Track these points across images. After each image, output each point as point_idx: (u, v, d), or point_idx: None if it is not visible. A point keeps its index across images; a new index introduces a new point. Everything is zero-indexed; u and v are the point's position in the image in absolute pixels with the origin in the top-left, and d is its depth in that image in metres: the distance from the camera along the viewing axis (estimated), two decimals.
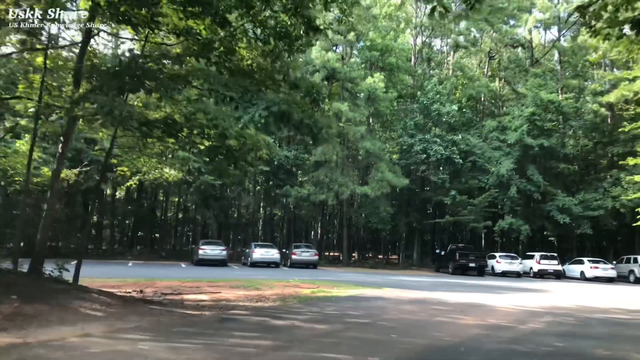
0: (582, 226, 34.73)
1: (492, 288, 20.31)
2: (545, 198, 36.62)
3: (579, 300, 16.17)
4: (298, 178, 36.52)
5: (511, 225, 34.13)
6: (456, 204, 35.25)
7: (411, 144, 35.38)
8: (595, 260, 32.35)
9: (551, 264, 32.33)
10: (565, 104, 35.87)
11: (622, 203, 33.34)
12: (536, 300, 15.54)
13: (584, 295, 19.03)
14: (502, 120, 39.09)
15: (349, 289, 16.07)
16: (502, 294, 17.39)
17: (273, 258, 30.38)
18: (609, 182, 35.15)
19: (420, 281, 23.22)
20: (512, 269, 32.18)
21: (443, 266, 33.65)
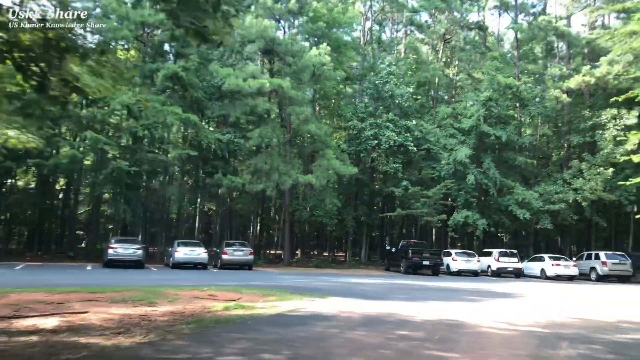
0: (542, 221, 32.30)
1: (456, 293, 16.90)
2: (502, 191, 34.00)
3: (568, 308, 12.89)
4: (234, 166, 32.02)
5: (467, 218, 31.19)
6: (408, 196, 31.96)
7: (361, 128, 31.74)
8: (556, 257, 29.91)
9: (511, 262, 29.61)
10: (523, 89, 33.30)
11: (583, 196, 31.09)
12: (519, 311, 12.10)
13: (564, 300, 15.94)
14: (457, 107, 36.20)
15: (281, 301, 12.03)
16: (473, 302, 13.90)
17: (199, 258, 25.91)
18: (569, 174, 32.88)
19: (371, 284, 19.53)
20: (469, 267, 29.23)
21: (394, 264, 30.29)
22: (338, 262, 37.03)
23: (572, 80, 32.85)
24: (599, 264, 29.02)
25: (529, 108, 34.21)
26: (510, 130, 34.18)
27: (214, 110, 29.98)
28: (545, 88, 33.88)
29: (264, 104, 28.43)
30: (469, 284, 21.95)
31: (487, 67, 34.92)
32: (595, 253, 29.92)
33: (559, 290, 20.24)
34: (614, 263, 28.67)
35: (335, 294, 14.48)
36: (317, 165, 29.72)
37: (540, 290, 19.72)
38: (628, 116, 31.84)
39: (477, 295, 16.35)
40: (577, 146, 34.80)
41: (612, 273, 28.67)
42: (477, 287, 20.44)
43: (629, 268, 28.72)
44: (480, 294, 17.01)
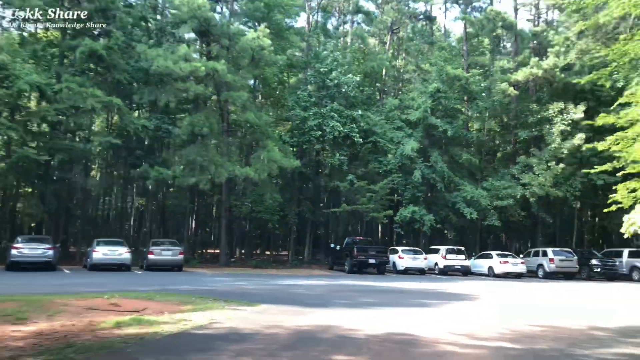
0: (490, 217, 31.42)
1: (405, 295, 15.19)
2: (450, 186, 32.90)
3: (530, 314, 11.37)
4: (164, 157, 29.12)
5: (414, 214, 29.80)
6: (354, 190, 30.24)
7: (304, 118, 29.67)
8: (504, 255, 29.06)
9: (458, 259, 28.46)
10: (472, 81, 32.32)
11: (532, 191, 30.42)
12: (479, 317, 10.43)
13: (521, 302, 14.55)
14: (404, 98, 34.87)
15: (196, 312, 9.79)
16: (426, 306, 12.16)
17: (121, 259, 23.04)
18: (518, 169, 32.18)
19: (311, 286, 17.52)
20: (416, 265, 27.83)
21: (338, 263, 28.49)
22: (280, 262, 34.83)
23: (519, 72, 32.18)
24: (546, 261, 28.37)
25: (477, 102, 33.31)
26: (457, 125, 33.15)
27: (143, 95, 27.02)
28: (493, 81, 33.06)
29: (196, 88, 25.79)
30: (418, 284, 20.39)
31: (436, 57, 33.78)
32: (543, 250, 29.30)
33: (511, 289, 18.99)
34: (561, 260, 28.09)
35: (268, 299, 12.37)
36: (256, 157, 27.40)
37: (493, 290, 18.38)
38: (575, 110, 31.48)
39: (429, 297, 14.68)
40: (525, 141, 34.22)
41: (559, 270, 28.08)
42: (426, 287, 18.87)
43: (575, 265, 28.23)
44: (431, 295, 15.38)
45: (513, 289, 19.48)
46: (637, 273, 28.49)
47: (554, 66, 31.09)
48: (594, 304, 14.40)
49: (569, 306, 13.52)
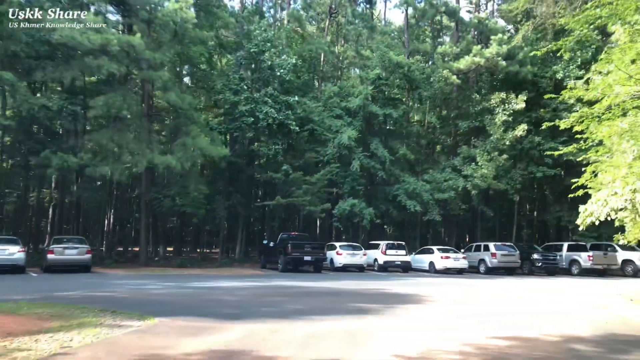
0: (431, 212, 30.08)
1: (343, 298, 13.07)
2: (390, 179, 31.32)
3: (487, 319, 9.50)
4: (72, 143, 25.50)
5: (353, 207, 27.91)
6: (289, 182, 27.94)
7: (235, 102, 26.97)
8: (445, 249, 27.73)
9: (399, 255, 26.83)
10: (414, 69, 30.81)
11: (474, 183, 29.32)
12: (430, 330, 8.37)
13: (473, 303, 12.77)
14: (344, 85, 32.92)
15: (61, 331, 7.21)
16: (364, 315, 10.04)
17: (11, 259, 19.61)
18: (459, 161, 31.05)
19: (234, 289, 15.07)
20: (355, 262, 25.94)
21: (271, 261, 26.09)
22: (210, 261, 31.97)
23: (462, 61, 31.03)
24: (488, 256, 27.31)
25: (419, 90, 31.88)
26: (398, 113, 31.60)
27: (46, 71, 23.34)
28: (435, 69, 31.74)
29: (110, 65, 22.50)
30: (358, 283, 18.38)
31: (377, 42, 32.03)
32: (485, 244, 28.24)
33: (457, 287, 17.32)
34: (503, 254, 27.11)
35: (171, 309, 9.87)
36: (179, 145, 24.46)
37: (439, 289, 16.59)
38: (516, 100, 30.71)
39: (368, 300, 12.63)
40: (466, 132, 33.23)
41: (501, 265, 27.09)
42: (365, 287, 16.85)
43: (517, 259, 27.35)
44: (371, 298, 13.33)
45: (459, 287, 17.88)
46: (576, 267, 28.02)
47: (496, 54, 30.14)
48: (549, 304, 12.89)
49: (526, 308, 11.86)
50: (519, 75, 32.28)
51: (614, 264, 28.02)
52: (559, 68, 32.19)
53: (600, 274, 27.57)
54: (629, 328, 9.57)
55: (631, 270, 28.01)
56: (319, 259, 24.35)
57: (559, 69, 32.08)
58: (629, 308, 12.83)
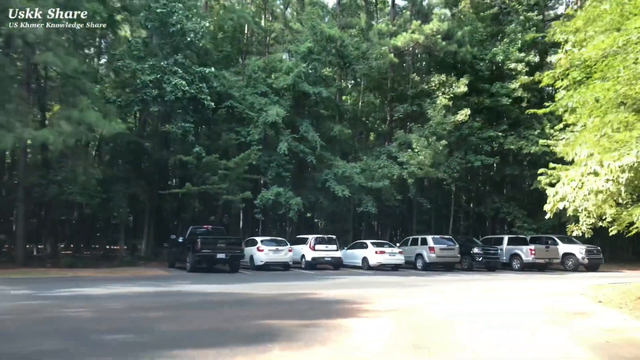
0: (365, 203, 27.15)
1: (249, 309, 9.61)
2: (321, 166, 28.11)
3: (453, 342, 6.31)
4: None
5: (278, 196, 24.42)
6: (203, 166, 23.95)
7: (136, 71, 22.55)
8: (380, 244, 24.89)
9: (329, 250, 23.67)
10: (348, 44, 27.66)
11: (410, 171, 26.67)
12: None
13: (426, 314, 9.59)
14: (270, 60, 29.24)
15: None
16: (279, 340, 6.53)
17: None
18: (395, 147, 28.33)
19: (111, 297, 11.18)
20: (279, 258, 22.47)
21: (180, 259, 22.09)
22: (111, 259, 27.33)
23: (399, 37, 28.32)
24: (426, 250, 24.72)
25: (353, 67, 28.77)
26: (331, 92, 28.42)
27: None
28: (370, 46, 28.75)
29: None
30: (278, 286, 14.88)
31: (308, 13, 28.60)
32: (422, 237, 25.65)
33: (399, 289, 14.15)
34: (442, 249, 24.62)
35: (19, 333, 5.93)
36: (61, 117, 19.81)
37: (377, 292, 13.34)
38: (457, 84, 28.41)
39: (289, 314, 9.22)
40: (402, 118, 30.60)
41: (440, 260, 24.60)
42: (289, 290, 13.32)
43: (457, 254, 24.96)
44: (293, 309, 9.88)
45: (399, 287, 14.82)
46: (517, 262, 26.13)
47: (436, 32, 27.62)
48: (514, 312, 10.02)
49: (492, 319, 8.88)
50: (457, 55, 30.07)
51: (555, 258, 26.37)
52: (499, 50, 30.31)
53: (541, 269, 25.81)
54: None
55: (572, 264, 26.48)
56: (235, 256, 20.62)
57: (499, 51, 30.19)
58: (609, 314, 10.25)
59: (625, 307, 11.02)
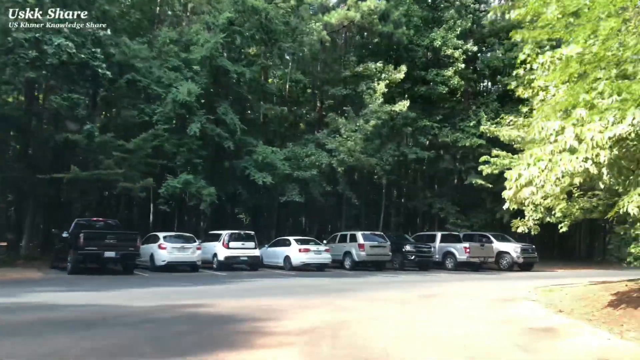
0: (289, 192, 24.31)
1: (107, 339, 6.27)
2: (242, 152, 24.94)
3: None
4: None
5: (187, 185, 21.01)
6: (96, 148, 20.06)
7: (8, 26, 18.23)
8: (304, 240, 22.15)
9: (246, 248, 20.59)
10: (275, 16, 24.62)
11: (339, 159, 24.11)
12: None
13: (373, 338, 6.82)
14: (186, 32, 25.60)
15: None
16: None
17: None
18: (324, 134, 25.67)
19: None
20: (185, 258, 19.11)
21: (62, 259, 18.11)
22: None
23: (333, 14, 25.69)
24: (355, 248, 22.27)
25: (281, 44, 25.75)
26: (255, 71, 25.31)
27: None
28: (300, 22, 25.83)
29: None
30: (175, 294, 11.69)
31: None
32: (351, 234, 23.18)
33: (324, 296, 11.35)
34: (373, 246, 22.28)
35: None
36: None
37: (296, 301, 10.41)
38: (394, 71, 26.20)
39: (162, 349, 6.00)
40: (336, 104, 28.00)
41: (370, 259, 22.23)
42: (183, 304, 9.97)
43: (388, 252, 22.72)
44: (169, 342, 6.61)
45: (325, 294, 11.99)
46: (451, 260, 24.32)
47: (374, 10, 25.22)
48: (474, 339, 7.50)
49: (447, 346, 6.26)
50: (393, 38, 27.92)
51: (490, 257, 24.81)
52: (436, 35, 28.47)
53: (476, 268, 24.13)
54: None
55: (506, 263, 25.04)
56: (129, 255, 17.03)
57: (437, 36, 28.36)
58: (582, 330, 8.01)
59: (595, 320, 8.87)
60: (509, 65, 29.81)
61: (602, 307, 9.89)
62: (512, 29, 27.78)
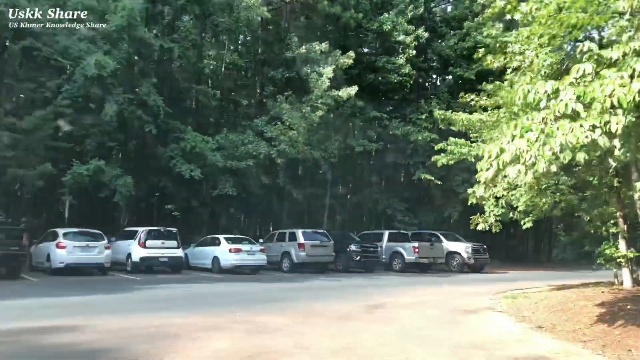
0: (222, 185, 21.55)
1: None
2: (167, 139, 21.91)
3: None
4: None
5: (98, 173, 17.84)
6: None
7: None
8: (235, 239, 19.48)
9: (166, 248, 17.68)
10: None
11: (280, 149, 21.56)
12: None
13: None
14: None
15: None
16: None
17: None
18: (263, 121, 23.02)
19: None
20: (89, 259, 16.20)
21: None
22: None
23: None
24: (294, 248, 19.79)
25: (215, 19, 22.83)
26: (185, 47, 22.36)
27: None
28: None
29: None
30: (50, 310, 8.73)
31: None
32: (291, 232, 20.67)
33: (252, 310, 8.66)
34: (314, 246, 19.87)
35: None
36: None
37: (209, 321, 7.75)
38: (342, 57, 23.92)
39: None
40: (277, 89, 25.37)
41: (311, 260, 19.80)
42: (36, 327, 6.92)
43: (331, 252, 20.41)
44: None
45: (246, 307, 9.34)
46: (399, 261, 22.32)
47: None
48: None
49: None
50: (341, 20, 25.72)
51: (440, 257, 22.99)
52: (386, 19, 26.47)
53: (424, 270, 22.25)
54: None
55: (457, 264, 23.33)
56: (10, 255, 13.74)
57: (387, 20, 26.37)
58: None
59: (591, 342, 6.82)
60: (460, 56, 28.43)
61: (592, 322, 7.90)
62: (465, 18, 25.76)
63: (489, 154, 6.48)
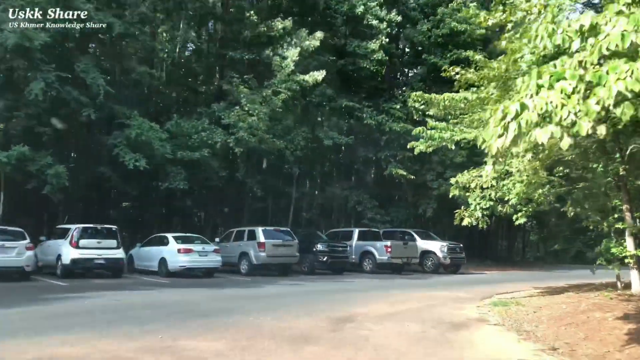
0: (174, 178, 19.24)
1: None
2: (110, 126, 19.46)
3: None
4: None
5: (23, 161, 15.33)
6: None
7: None
8: (186, 238, 17.23)
9: (104, 248, 15.27)
10: None
11: (238, 137, 19.35)
12: None
13: None
14: None
15: None
16: None
17: None
18: (221, 107, 20.77)
19: None
20: (7, 262, 13.45)
21: None
22: None
23: None
24: (254, 248, 17.65)
25: None
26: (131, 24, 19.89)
27: None
28: None
29: None
30: None
31: None
32: (250, 230, 18.47)
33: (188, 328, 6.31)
34: (276, 245, 17.78)
35: None
36: None
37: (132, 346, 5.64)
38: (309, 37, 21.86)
39: None
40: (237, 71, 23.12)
41: (272, 261, 17.71)
42: None
43: (295, 252, 18.33)
44: None
45: (178, 329, 7.05)
46: (370, 262, 20.47)
47: None
48: None
49: None
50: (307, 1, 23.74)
51: (414, 257, 21.19)
52: (358, 1, 24.60)
53: (397, 270, 20.41)
54: None
55: (432, 264, 21.60)
56: None
57: (358, 2, 24.49)
58: None
59: None
60: (435, 43, 26.78)
61: (622, 343, 6.08)
62: (439, 4, 23.49)
63: (502, 113, 4.55)
